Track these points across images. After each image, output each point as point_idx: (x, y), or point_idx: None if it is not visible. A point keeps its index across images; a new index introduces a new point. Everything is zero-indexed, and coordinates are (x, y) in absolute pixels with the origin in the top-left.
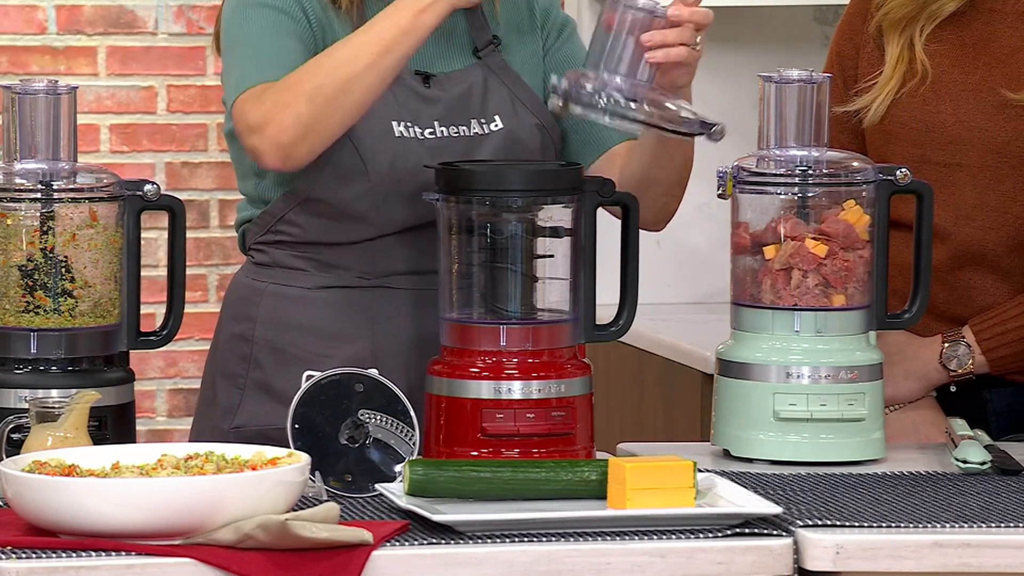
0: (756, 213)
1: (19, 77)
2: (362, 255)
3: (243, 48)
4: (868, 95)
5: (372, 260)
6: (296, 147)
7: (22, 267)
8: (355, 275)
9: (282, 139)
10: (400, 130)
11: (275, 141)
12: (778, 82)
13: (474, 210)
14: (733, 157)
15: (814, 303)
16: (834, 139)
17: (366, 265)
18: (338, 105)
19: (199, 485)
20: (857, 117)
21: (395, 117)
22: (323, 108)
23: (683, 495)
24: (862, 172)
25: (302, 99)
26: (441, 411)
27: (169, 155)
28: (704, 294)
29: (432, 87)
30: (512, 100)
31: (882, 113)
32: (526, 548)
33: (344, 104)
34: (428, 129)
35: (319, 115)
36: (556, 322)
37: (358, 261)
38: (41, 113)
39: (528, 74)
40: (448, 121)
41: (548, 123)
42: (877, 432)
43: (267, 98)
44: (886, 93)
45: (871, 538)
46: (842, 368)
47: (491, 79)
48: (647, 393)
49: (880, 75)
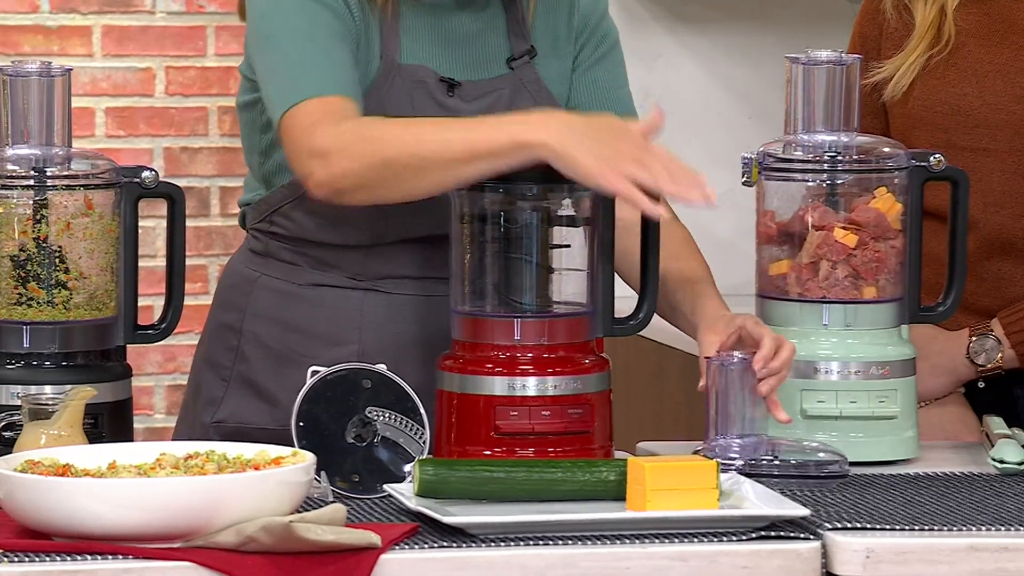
0: (783, 201)
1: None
2: (356, 259)
3: (289, 48)
4: (892, 63)
5: (365, 264)
6: (349, 195)
7: (14, 257)
8: (347, 276)
9: (341, 183)
10: None
11: (334, 181)
12: (806, 64)
13: (487, 198)
14: (758, 142)
15: (843, 295)
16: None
17: (359, 267)
18: (404, 183)
19: (199, 485)
20: (882, 99)
21: None
22: (390, 181)
23: (706, 496)
24: (894, 158)
25: (375, 161)
26: (452, 408)
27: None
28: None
29: (455, 96)
30: None
31: (906, 85)
32: (541, 551)
33: (410, 187)
34: None
35: (382, 184)
36: (573, 315)
37: (351, 264)
38: (34, 96)
39: (559, 88)
40: None
41: None
42: (910, 431)
43: (345, 132)
44: (913, 59)
45: (903, 542)
46: (873, 363)
47: (520, 93)
48: (668, 389)
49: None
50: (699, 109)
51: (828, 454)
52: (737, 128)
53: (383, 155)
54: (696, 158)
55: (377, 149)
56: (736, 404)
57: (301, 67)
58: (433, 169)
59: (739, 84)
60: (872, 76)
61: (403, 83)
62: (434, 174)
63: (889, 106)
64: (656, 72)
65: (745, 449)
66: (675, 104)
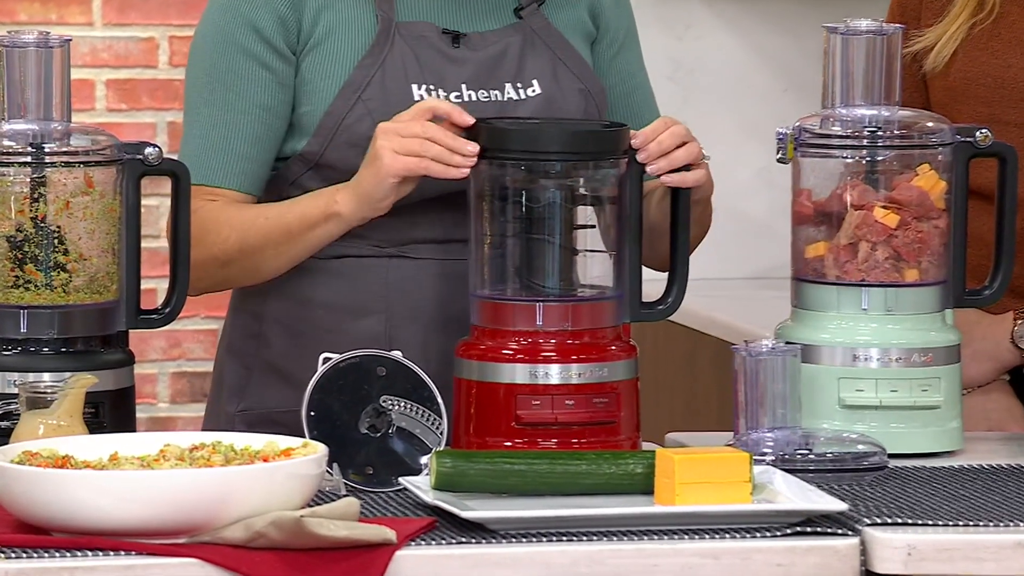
0: (820, 179)
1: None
2: (380, 224)
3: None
4: (933, 32)
5: (389, 229)
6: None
7: (11, 238)
8: (371, 244)
9: (197, 288)
10: (421, 94)
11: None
12: (845, 33)
13: (508, 175)
14: (794, 116)
15: (884, 278)
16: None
17: (382, 233)
18: (249, 274)
19: (205, 478)
20: (922, 71)
21: (416, 80)
22: (236, 275)
23: (738, 490)
24: (938, 133)
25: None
26: (471, 397)
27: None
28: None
29: (461, 47)
30: (553, 63)
31: (947, 56)
32: (565, 548)
33: (256, 275)
34: (454, 93)
35: (232, 278)
36: (598, 299)
37: (374, 230)
38: (31, 68)
39: (573, 34)
40: (478, 84)
41: (594, 88)
42: (954, 421)
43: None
44: (955, 28)
45: (947, 538)
46: (915, 350)
47: (532, 40)
48: (700, 377)
49: (947, 17)
50: (731, 82)
51: (867, 446)
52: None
53: (218, 258)
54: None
55: (210, 254)
56: (768, 395)
57: (206, 145)
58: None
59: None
60: (912, 45)
61: (403, 41)
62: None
63: (929, 78)
64: (686, 42)
65: (778, 443)
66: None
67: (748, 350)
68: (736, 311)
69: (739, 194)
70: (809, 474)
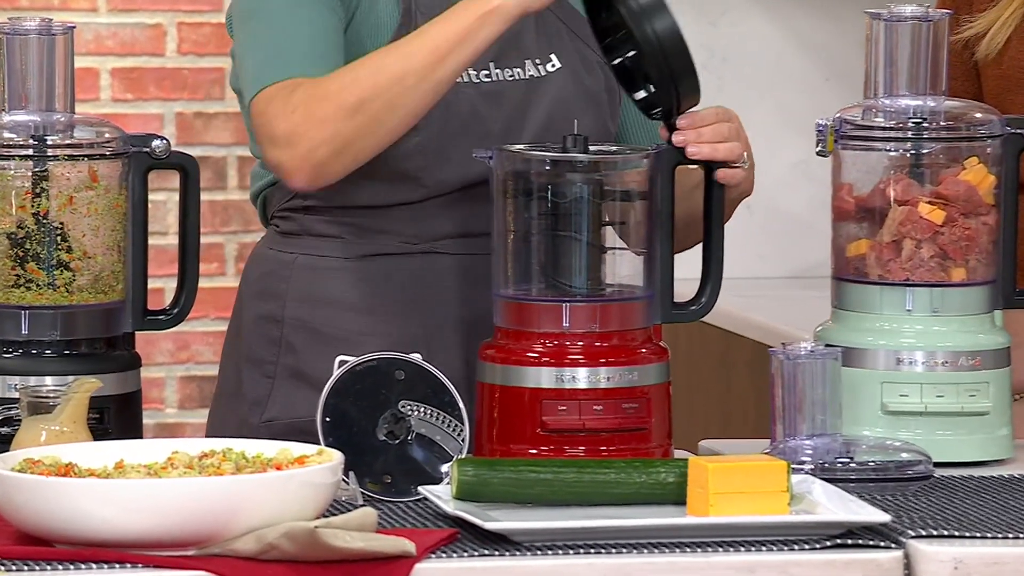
0: (862, 173)
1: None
2: (409, 218)
3: (262, 24)
4: (986, 17)
5: (419, 223)
6: (330, 166)
7: (12, 235)
8: (399, 240)
9: (315, 157)
10: None
11: (306, 159)
12: (888, 20)
13: (533, 169)
14: (835, 107)
15: (929, 278)
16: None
17: (412, 228)
18: (382, 122)
19: (215, 487)
20: (974, 58)
21: None
22: (366, 126)
23: (775, 500)
24: (986, 125)
25: (341, 115)
26: (494, 402)
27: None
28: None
29: None
30: (568, 35)
31: (1001, 43)
32: (593, 561)
33: (389, 122)
34: (484, 71)
35: (360, 134)
36: (628, 299)
37: (403, 225)
38: (33, 57)
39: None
40: (503, 63)
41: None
42: (1003, 428)
43: (298, 106)
44: (1009, 13)
45: (995, 551)
46: (962, 353)
47: (545, 15)
48: (735, 382)
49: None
50: (769, 70)
51: (911, 454)
52: (812, 91)
53: (344, 105)
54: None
55: (335, 102)
56: (807, 400)
57: (270, 47)
58: (404, 94)
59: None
60: (963, 32)
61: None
62: (408, 99)
63: (982, 67)
64: (721, 28)
65: (818, 451)
66: (742, 64)
67: (786, 353)
68: (773, 312)
69: (777, 189)
70: (850, 484)
